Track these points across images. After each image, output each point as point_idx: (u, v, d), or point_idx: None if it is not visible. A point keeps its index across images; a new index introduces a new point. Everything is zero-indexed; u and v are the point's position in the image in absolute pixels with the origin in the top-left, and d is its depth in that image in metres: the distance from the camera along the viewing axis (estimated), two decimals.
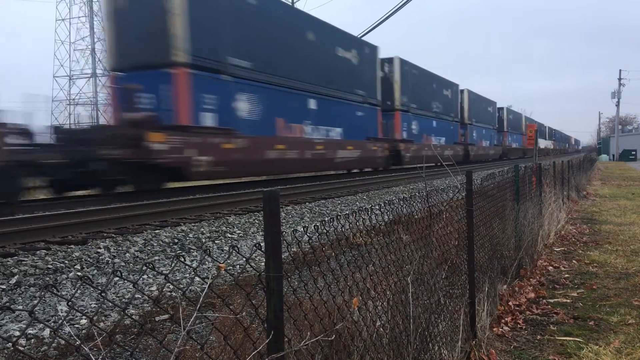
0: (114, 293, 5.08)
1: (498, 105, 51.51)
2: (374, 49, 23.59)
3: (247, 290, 1.87)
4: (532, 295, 5.29)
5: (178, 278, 5.70)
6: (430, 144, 29.25)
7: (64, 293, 5.02)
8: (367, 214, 2.95)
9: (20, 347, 3.66)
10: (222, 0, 13.92)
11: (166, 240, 7.58)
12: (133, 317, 4.31)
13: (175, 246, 7.37)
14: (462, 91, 38.87)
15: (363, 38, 25.62)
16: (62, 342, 3.66)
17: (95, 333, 2.08)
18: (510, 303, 4.89)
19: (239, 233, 8.55)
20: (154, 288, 5.22)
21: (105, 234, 7.89)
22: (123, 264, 6.35)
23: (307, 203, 12.57)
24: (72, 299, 1.45)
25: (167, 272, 1.83)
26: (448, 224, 4.17)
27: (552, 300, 5.18)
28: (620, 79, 71.54)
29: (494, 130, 49.15)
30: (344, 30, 21.10)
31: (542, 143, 73.20)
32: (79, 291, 4.88)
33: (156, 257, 6.70)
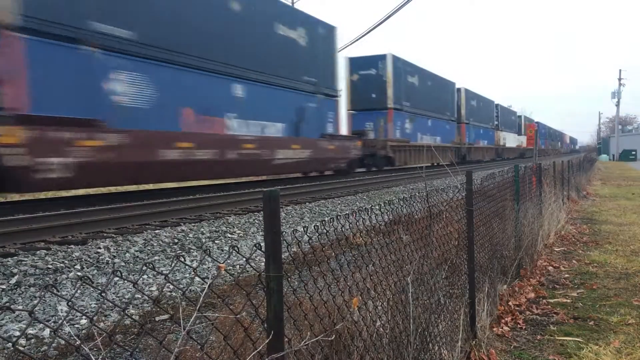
0: (114, 293, 5.08)
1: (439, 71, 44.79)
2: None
3: (247, 290, 1.87)
4: (532, 295, 5.29)
5: (178, 278, 5.70)
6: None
7: (64, 293, 5.02)
8: (367, 214, 2.95)
9: (20, 347, 3.66)
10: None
11: (166, 240, 7.58)
12: (133, 317, 4.31)
13: (175, 246, 7.37)
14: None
15: (365, 37, 27.35)
16: (62, 342, 3.66)
17: (95, 333, 2.09)
18: (510, 303, 4.89)
19: (239, 233, 8.55)
20: (154, 288, 5.22)
21: (105, 234, 7.89)
22: (123, 264, 6.35)
23: (307, 203, 12.57)
24: (72, 299, 1.45)
25: (167, 272, 1.83)
26: (448, 224, 4.17)
27: (552, 300, 5.18)
28: (620, 79, 71.62)
29: (450, 121, 36.75)
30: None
31: (514, 140, 57.14)
32: (79, 291, 4.89)
33: (156, 257, 6.70)
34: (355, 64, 27.34)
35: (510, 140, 55.82)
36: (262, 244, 1.84)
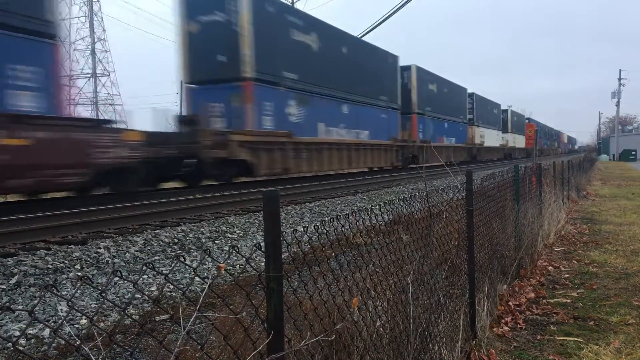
0: (114, 293, 5.08)
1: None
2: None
3: (247, 290, 1.87)
4: (532, 295, 5.29)
5: (178, 278, 5.70)
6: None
7: (64, 293, 5.02)
8: (367, 214, 2.95)
9: (20, 347, 3.66)
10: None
11: (166, 240, 7.58)
12: (133, 317, 4.31)
13: (175, 246, 7.37)
14: None
15: (363, 38, 25.95)
16: (62, 342, 3.66)
17: (95, 333, 2.09)
18: (510, 303, 4.89)
19: (239, 233, 8.55)
20: (154, 288, 5.22)
21: (105, 234, 7.89)
22: (123, 264, 6.35)
23: (307, 203, 12.57)
24: (72, 299, 1.45)
25: (167, 272, 1.83)
26: (448, 224, 4.17)
27: (552, 300, 5.18)
28: (620, 79, 71.58)
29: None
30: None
31: (496, 138, 47.48)
32: (79, 291, 4.89)
33: (156, 257, 6.70)
34: (193, 4, 15.78)
35: (491, 138, 45.36)
36: (262, 244, 1.84)
